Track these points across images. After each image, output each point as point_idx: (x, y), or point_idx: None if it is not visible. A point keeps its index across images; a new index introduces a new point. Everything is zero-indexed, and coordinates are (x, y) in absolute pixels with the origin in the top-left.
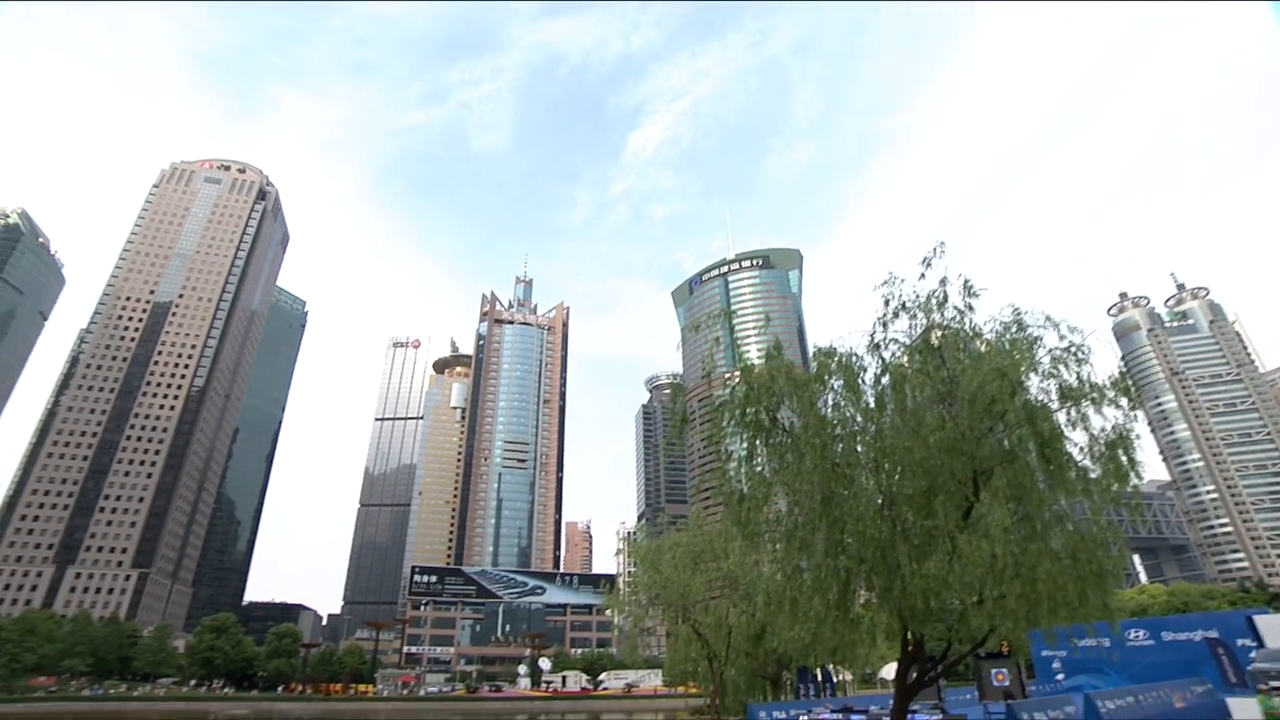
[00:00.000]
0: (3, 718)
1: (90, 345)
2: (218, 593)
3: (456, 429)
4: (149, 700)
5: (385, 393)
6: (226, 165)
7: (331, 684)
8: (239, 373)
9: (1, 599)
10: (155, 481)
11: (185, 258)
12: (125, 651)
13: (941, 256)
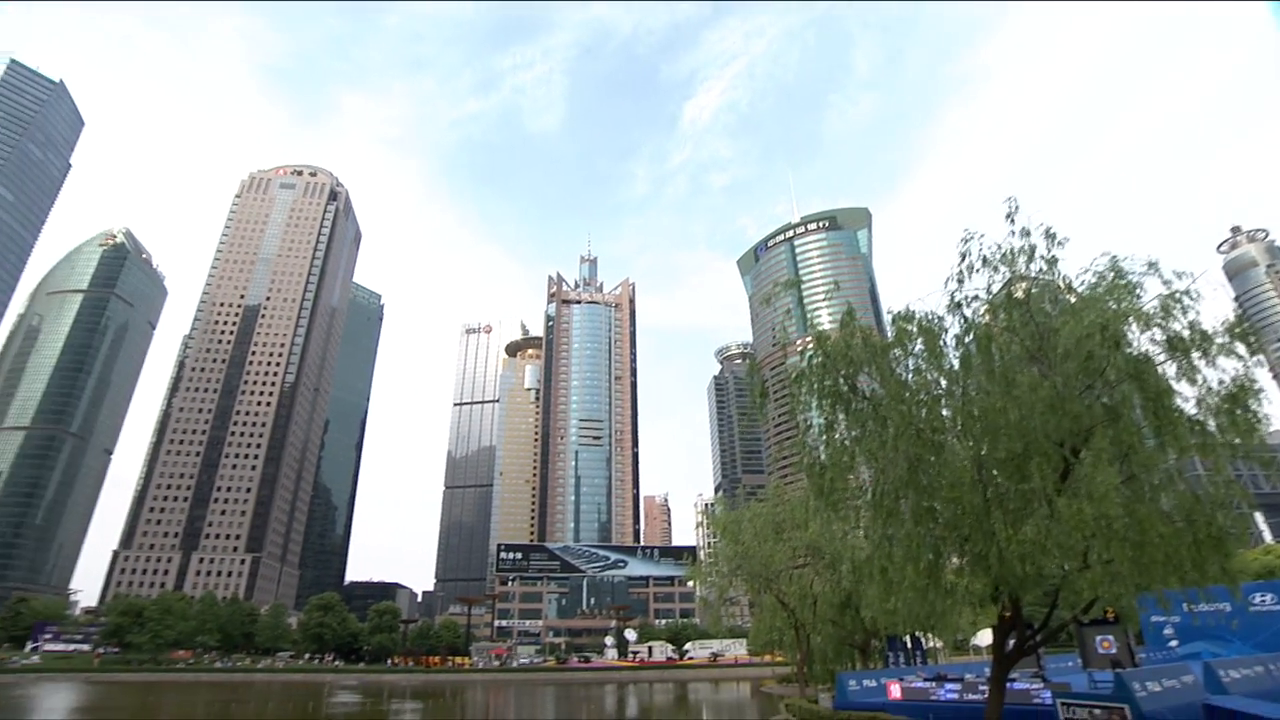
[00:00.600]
0: (155, 685)
1: (193, 350)
2: (321, 574)
3: (531, 410)
4: (271, 672)
5: (461, 378)
6: (299, 170)
7: (430, 657)
8: (325, 367)
9: (140, 582)
10: (259, 473)
11: (269, 261)
12: (247, 628)
13: (1019, 210)
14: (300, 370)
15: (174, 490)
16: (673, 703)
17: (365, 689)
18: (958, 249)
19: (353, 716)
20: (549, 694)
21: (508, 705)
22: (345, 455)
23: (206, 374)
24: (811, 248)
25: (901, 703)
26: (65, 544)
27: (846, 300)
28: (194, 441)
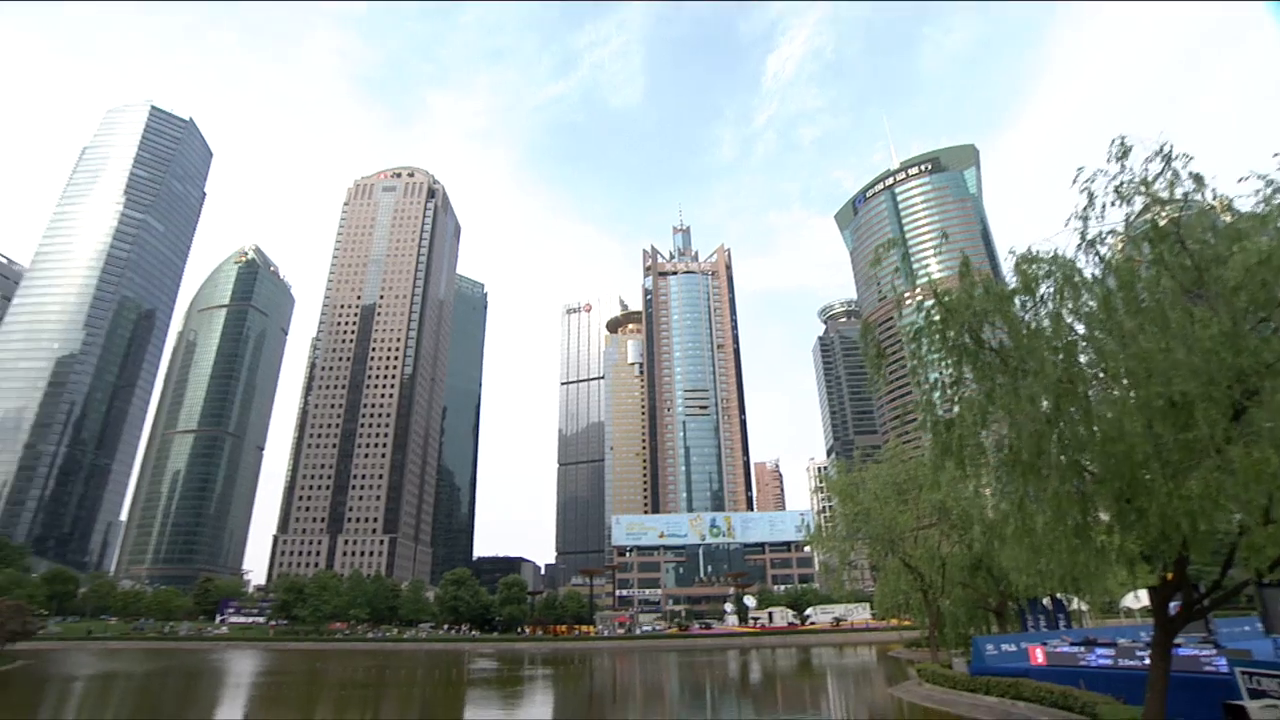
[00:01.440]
0: (320, 653)
1: (321, 350)
2: (451, 551)
3: (636, 384)
4: (415, 641)
5: (566, 358)
6: (398, 172)
7: (557, 625)
8: (438, 357)
9: (297, 562)
10: (388, 460)
11: (379, 262)
12: (391, 602)
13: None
14: (416, 362)
15: (317, 479)
16: (797, 667)
17: (501, 656)
18: (1081, 183)
19: (493, 680)
20: (673, 659)
21: (636, 669)
22: (464, 439)
23: (334, 372)
24: (914, 194)
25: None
26: (235, 530)
27: (960, 250)
28: (330, 434)
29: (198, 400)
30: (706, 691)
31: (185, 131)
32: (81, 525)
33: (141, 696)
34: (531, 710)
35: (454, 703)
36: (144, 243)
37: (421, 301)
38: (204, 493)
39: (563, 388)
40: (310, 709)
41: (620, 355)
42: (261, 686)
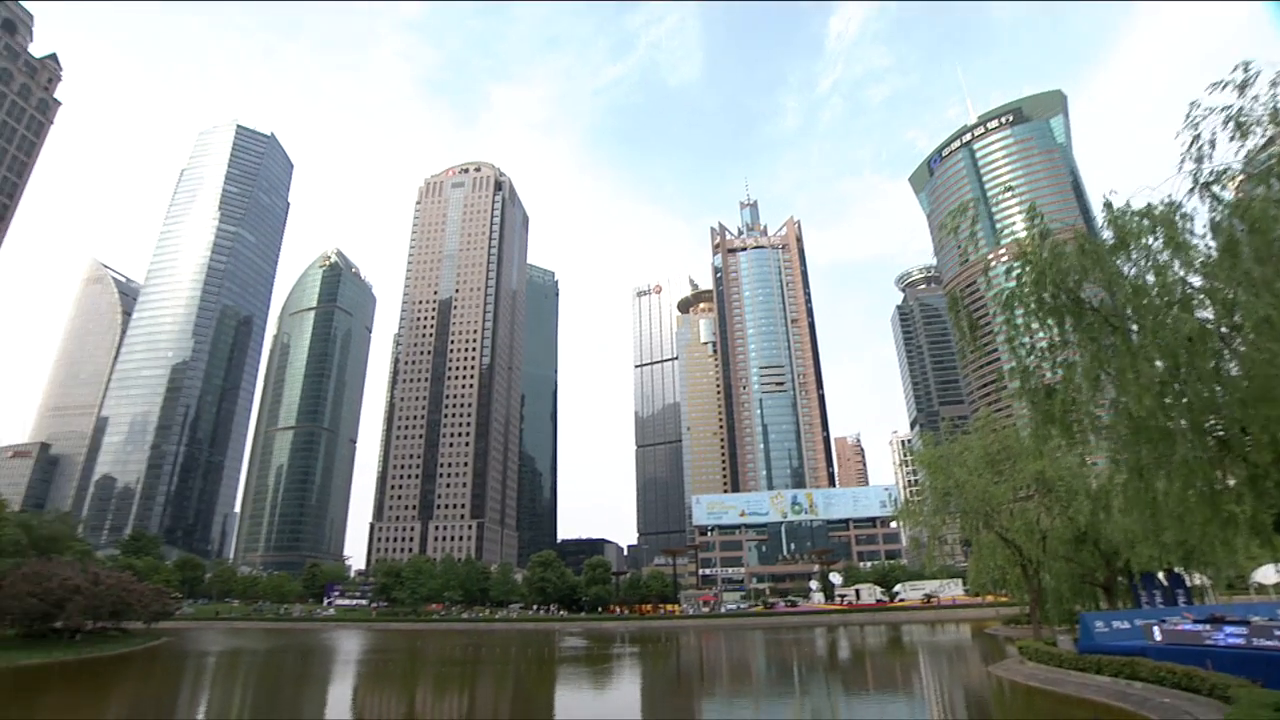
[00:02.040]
0: (419, 632)
1: (403, 346)
2: (536, 534)
3: (710, 363)
4: (507, 621)
5: (639, 340)
6: (465, 168)
7: (642, 605)
8: (514, 347)
9: (393, 548)
10: (472, 448)
11: (452, 257)
12: (482, 584)
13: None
14: (494, 352)
15: (407, 469)
16: (888, 645)
17: (589, 634)
18: (1191, 119)
19: (583, 657)
20: (759, 637)
21: (722, 647)
22: (543, 426)
23: (416, 365)
24: (994, 148)
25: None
26: (334, 519)
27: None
28: (416, 425)
29: (294, 398)
30: (794, 668)
31: (268, 146)
32: (203, 517)
33: (267, 670)
34: (622, 684)
35: (547, 677)
36: (238, 254)
37: (495, 293)
38: (305, 485)
39: (637, 370)
40: (415, 683)
41: (693, 335)
42: (369, 663)
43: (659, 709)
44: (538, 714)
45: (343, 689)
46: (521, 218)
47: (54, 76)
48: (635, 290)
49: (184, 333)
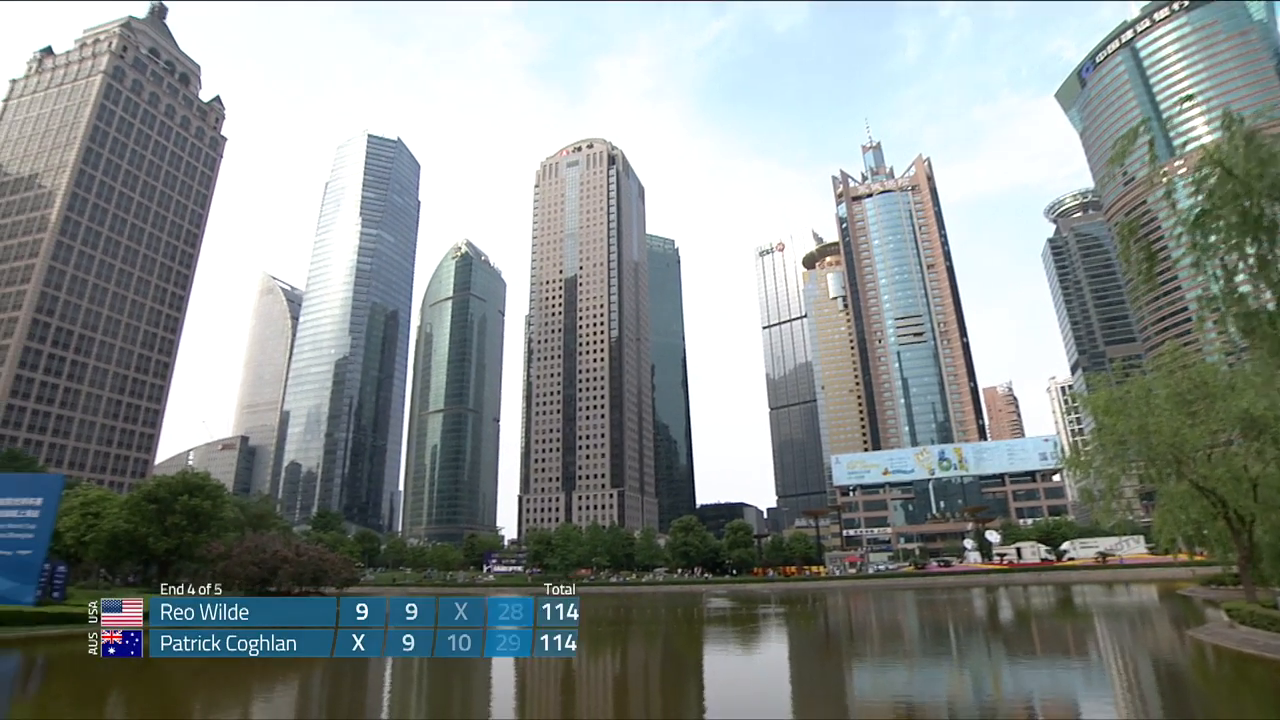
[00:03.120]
0: None
1: (534, 326)
2: (675, 501)
3: (842, 319)
4: (653, 584)
5: (764, 301)
6: (578, 146)
7: (786, 567)
8: (640, 318)
9: (540, 518)
10: (607, 419)
11: (574, 236)
12: (627, 550)
13: None
14: (621, 325)
15: (547, 443)
16: (1057, 606)
17: (735, 596)
18: None
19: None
20: (910, 598)
21: (871, 608)
22: (674, 393)
23: (549, 344)
24: (1165, 43)
25: None
26: (485, 493)
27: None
28: (553, 401)
29: (441, 383)
30: (950, 631)
31: (396, 150)
32: (373, 495)
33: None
34: (769, 644)
35: (695, 636)
36: (380, 254)
37: (618, 266)
38: (457, 462)
39: (765, 331)
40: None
41: (821, 291)
42: None
43: (807, 668)
44: (687, 670)
45: None
46: (637, 189)
47: (220, 116)
48: (757, 250)
49: (342, 331)
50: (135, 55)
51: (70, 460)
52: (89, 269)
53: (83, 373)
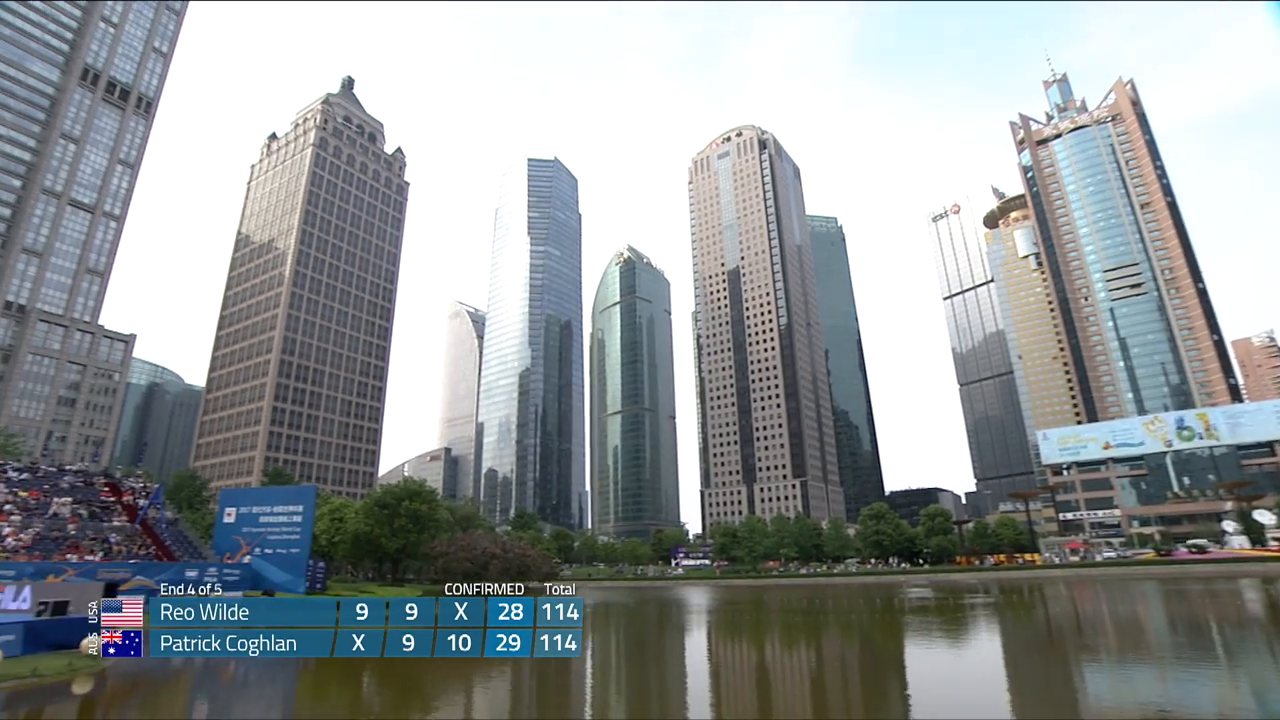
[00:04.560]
0: (759, 587)
1: (701, 322)
2: (862, 489)
3: (1035, 279)
4: (845, 575)
5: (943, 270)
6: (727, 136)
7: (993, 554)
8: (808, 302)
9: (722, 511)
10: (783, 409)
11: (732, 227)
12: (814, 540)
13: None
14: (789, 312)
15: (724, 436)
16: None
17: (936, 586)
18: None
19: (932, 607)
20: (1151, 589)
21: (1100, 600)
22: (850, 376)
23: (717, 338)
24: None
25: None
26: (667, 489)
27: None
28: (726, 394)
29: (616, 386)
30: (1212, 629)
31: (554, 169)
32: (563, 496)
33: (639, 614)
34: (979, 638)
35: (893, 628)
36: (550, 269)
37: (780, 252)
38: (638, 461)
39: (945, 303)
40: (766, 625)
41: (1007, 251)
42: (722, 610)
43: (1029, 666)
44: (885, 664)
45: (703, 627)
46: (792, 171)
47: (402, 165)
48: (929, 216)
49: (522, 344)
50: (334, 125)
51: (314, 475)
52: (315, 312)
53: (318, 401)
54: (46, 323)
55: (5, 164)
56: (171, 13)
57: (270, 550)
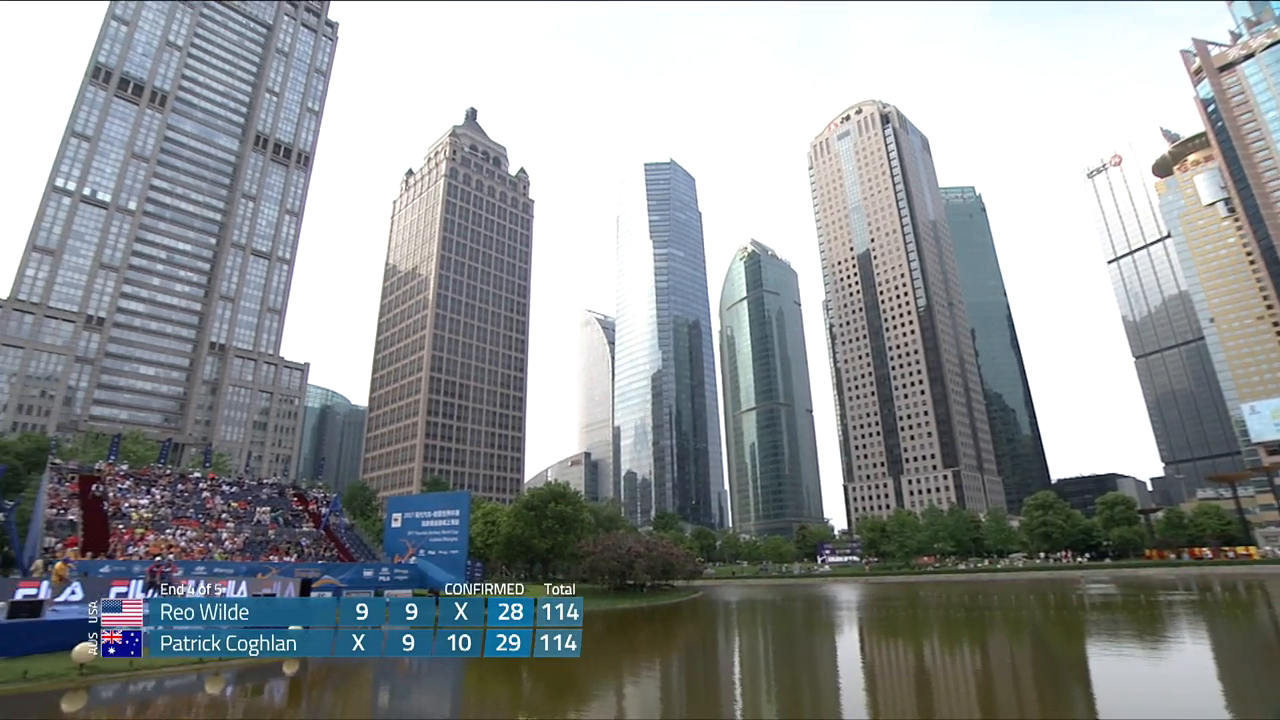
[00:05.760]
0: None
1: (833, 310)
2: (1024, 477)
3: (1226, 228)
4: (1011, 571)
5: (1105, 230)
6: (845, 116)
7: (1193, 548)
8: (948, 281)
9: (868, 505)
10: (927, 396)
11: (858, 209)
12: (973, 534)
13: None
14: (927, 292)
15: (866, 428)
16: None
17: (1120, 582)
18: None
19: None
20: None
21: None
22: (1002, 356)
23: (851, 326)
24: None
25: None
26: (808, 485)
27: None
28: (864, 384)
29: (749, 382)
30: None
31: (671, 171)
32: (701, 495)
33: (787, 610)
34: (1182, 644)
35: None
36: (673, 270)
37: (912, 230)
38: (776, 457)
39: (1111, 266)
40: (925, 623)
41: (1187, 200)
42: (875, 606)
43: (1247, 678)
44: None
45: (853, 624)
46: (919, 143)
47: (526, 184)
48: (1084, 172)
49: (652, 347)
50: (461, 154)
51: (465, 483)
52: (457, 331)
53: (465, 414)
54: (241, 358)
55: (204, 225)
56: (320, 75)
57: (433, 551)
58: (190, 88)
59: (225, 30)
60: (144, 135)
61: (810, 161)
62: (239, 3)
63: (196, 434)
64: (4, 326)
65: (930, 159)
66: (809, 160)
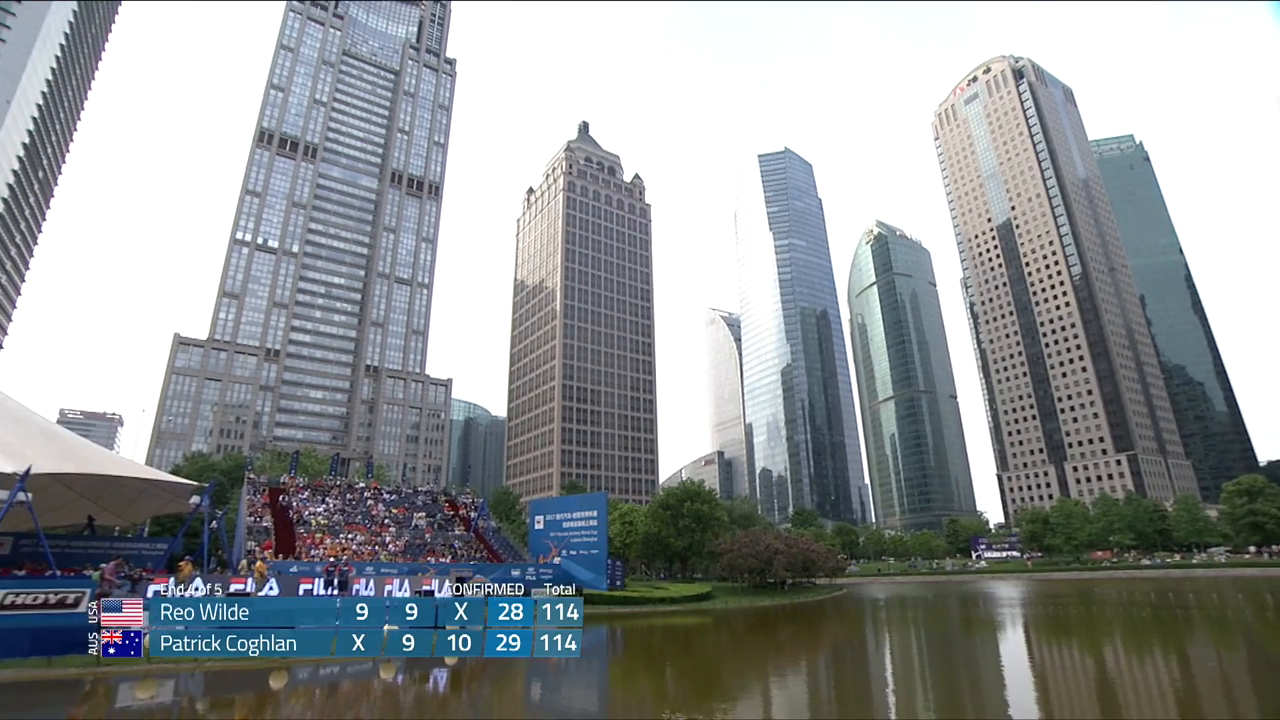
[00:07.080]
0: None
1: (973, 287)
2: (1221, 460)
3: None
4: (1211, 566)
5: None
6: (972, 78)
7: None
8: (1106, 244)
9: (1027, 496)
10: (1091, 373)
11: (994, 176)
12: (1158, 525)
13: None
14: (1081, 258)
15: (1019, 412)
16: None
17: None
18: None
19: None
20: None
21: None
22: (1182, 322)
23: (994, 303)
24: None
25: None
26: (956, 475)
27: None
28: (1014, 364)
29: (885, 370)
30: None
31: (785, 160)
32: (841, 490)
33: (940, 607)
34: None
35: None
36: (796, 260)
37: (1060, 191)
38: (919, 447)
39: None
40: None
41: None
42: (1040, 604)
43: None
44: None
45: (1016, 623)
46: (1061, 95)
47: (641, 189)
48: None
49: (780, 341)
50: (578, 166)
51: (601, 485)
52: (585, 338)
53: (598, 418)
54: (392, 378)
55: (354, 260)
56: (444, 110)
57: (575, 552)
58: (335, 137)
59: (360, 81)
60: (300, 185)
61: (935, 132)
62: (370, 55)
63: (359, 449)
64: (206, 363)
65: (1076, 111)
66: (934, 131)
